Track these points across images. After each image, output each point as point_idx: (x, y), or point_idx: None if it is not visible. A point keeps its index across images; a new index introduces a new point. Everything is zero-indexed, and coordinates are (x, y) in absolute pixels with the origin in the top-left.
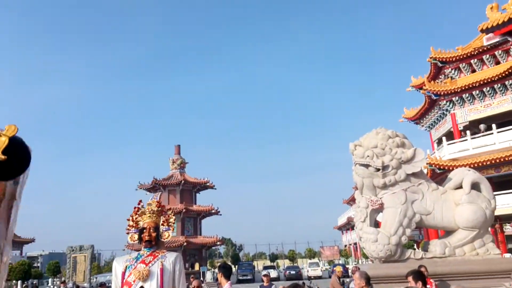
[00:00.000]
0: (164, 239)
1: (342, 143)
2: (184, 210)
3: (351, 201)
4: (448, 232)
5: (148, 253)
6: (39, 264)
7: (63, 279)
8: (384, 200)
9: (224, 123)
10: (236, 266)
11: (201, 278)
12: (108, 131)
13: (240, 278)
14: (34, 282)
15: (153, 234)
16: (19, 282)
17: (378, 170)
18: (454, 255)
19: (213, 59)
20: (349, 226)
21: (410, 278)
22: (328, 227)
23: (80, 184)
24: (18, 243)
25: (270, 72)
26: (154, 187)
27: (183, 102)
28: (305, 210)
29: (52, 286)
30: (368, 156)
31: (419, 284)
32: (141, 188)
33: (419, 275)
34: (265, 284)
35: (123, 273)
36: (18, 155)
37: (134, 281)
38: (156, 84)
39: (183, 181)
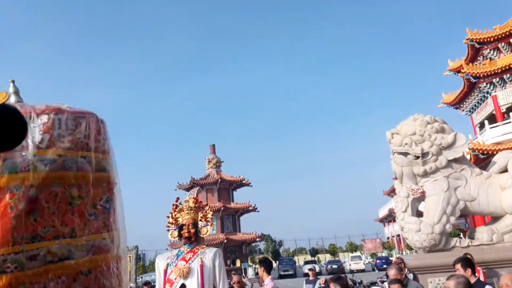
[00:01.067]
0: (203, 234)
1: (382, 135)
2: (222, 208)
3: (392, 192)
4: (495, 218)
5: (188, 249)
6: None
7: None
8: (425, 188)
9: (257, 121)
10: (277, 262)
11: (243, 274)
12: (145, 134)
13: (282, 273)
14: None
15: (192, 230)
16: None
17: (417, 157)
18: (502, 242)
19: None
20: (390, 218)
21: (458, 266)
22: (369, 220)
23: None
24: None
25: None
26: (192, 187)
27: (216, 101)
28: (344, 204)
29: None
30: (406, 143)
31: (468, 271)
32: (180, 188)
33: (468, 262)
34: (310, 278)
35: (165, 271)
36: (9, 124)
37: (175, 279)
38: (190, 84)
39: (219, 180)
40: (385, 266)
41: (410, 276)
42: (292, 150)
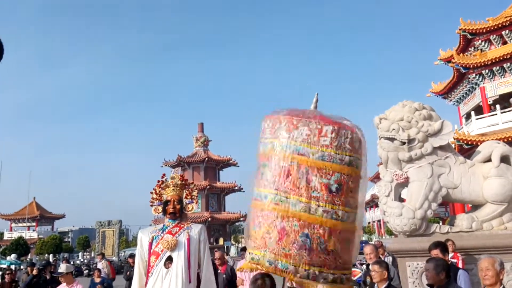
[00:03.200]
0: (187, 211)
1: (368, 123)
2: (208, 187)
3: (375, 178)
4: (475, 207)
5: (173, 224)
6: (69, 239)
7: (101, 251)
8: (409, 174)
9: (247, 103)
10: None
11: (225, 252)
12: (135, 110)
13: None
14: (65, 256)
15: (177, 207)
16: (51, 255)
17: (403, 143)
18: (481, 229)
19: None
20: (372, 203)
21: (437, 251)
22: None
23: (107, 162)
24: (49, 219)
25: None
26: (179, 164)
27: (206, 81)
28: None
29: (82, 260)
30: (393, 129)
31: (446, 256)
32: (166, 165)
33: (445, 248)
34: None
35: (150, 244)
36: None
37: (162, 251)
38: (180, 65)
39: (206, 159)
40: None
41: (389, 259)
42: None
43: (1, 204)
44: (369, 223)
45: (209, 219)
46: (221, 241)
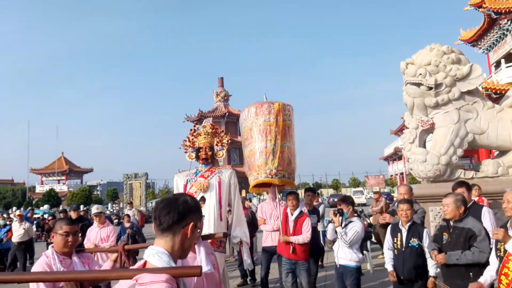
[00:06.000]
0: (218, 157)
1: (394, 72)
2: (229, 141)
3: (399, 131)
4: (502, 153)
5: (205, 169)
6: (98, 192)
7: (130, 200)
8: (435, 120)
9: (266, 56)
10: (281, 194)
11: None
12: (156, 65)
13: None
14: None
15: (209, 153)
16: (81, 206)
17: (430, 88)
18: (507, 175)
19: None
20: (395, 156)
21: (463, 189)
22: (373, 158)
23: (132, 116)
24: (78, 173)
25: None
26: (200, 120)
27: (224, 34)
28: (349, 142)
29: (112, 210)
30: (420, 74)
31: (470, 195)
32: (188, 120)
33: (469, 187)
34: (314, 203)
35: (185, 186)
36: None
37: (195, 192)
38: (197, 17)
39: (227, 113)
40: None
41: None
42: (298, 87)
43: (31, 159)
44: (391, 175)
45: None
46: (243, 193)
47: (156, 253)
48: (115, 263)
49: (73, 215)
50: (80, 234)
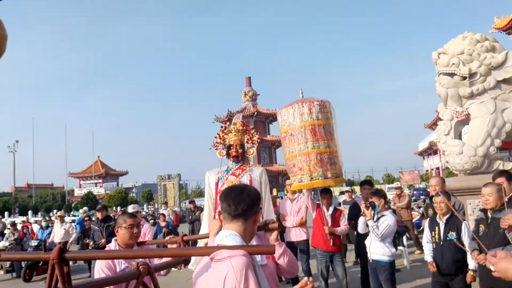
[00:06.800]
0: (249, 155)
1: (426, 64)
2: (258, 140)
3: (433, 125)
4: None
5: (236, 166)
6: (134, 194)
7: (164, 200)
8: (470, 110)
9: (294, 54)
10: (312, 192)
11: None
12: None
13: (318, 202)
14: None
15: (240, 150)
16: (118, 207)
17: (464, 78)
18: None
19: None
20: (431, 150)
21: (503, 179)
22: (407, 154)
23: (163, 119)
24: (114, 176)
25: None
26: (230, 120)
27: (251, 34)
28: (382, 138)
29: (147, 211)
30: (453, 63)
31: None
32: (217, 121)
33: (511, 175)
34: (347, 199)
35: (216, 183)
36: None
37: None
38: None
39: (255, 113)
40: (422, 197)
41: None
42: (329, 83)
43: (69, 164)
44: (427, 171)
45: None
46: (274, 192)
47: (229, 235)
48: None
49: (99, 215)
50: (107, 235)
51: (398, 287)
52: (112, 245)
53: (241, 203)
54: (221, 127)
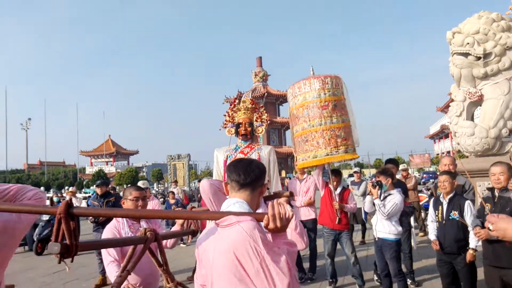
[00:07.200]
0: (258, 134)
1: (439, 45)
2: (268, 122)
3: (446, 108)
4: None
5: (245, 145)
6: (144, 173)
7: (174, 179)
8: (484, 91)
9: (304, 34)
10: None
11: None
12: (196, 48)
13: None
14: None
15: (249, 129)
16: (129, 185)
17: (478, 58)
18: None
19: None
20: (442, 134)
21: None
22: (418, 137)
23: (173, 100)
24: (125, 155)
25: None
26: (239, 98)
27: (263, 13)
28: (393, 121)
29: (157, 189)
30: (468, 43)
31: None
32: (227, 101)
33: None
34: (356, 180)
35: (225, 161)
36: None
37: None
38: None
39: (266, 94)
40: (431, 180)
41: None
42: (338, 65)
43: (80, 142)
44: (437, 154)
45: None
46: (283, 173)
47: (236, 202)
48: (182, 227)
49: (98, 191)
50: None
51: (403, 266)
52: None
53: (250, 173)
54: (230, 104)
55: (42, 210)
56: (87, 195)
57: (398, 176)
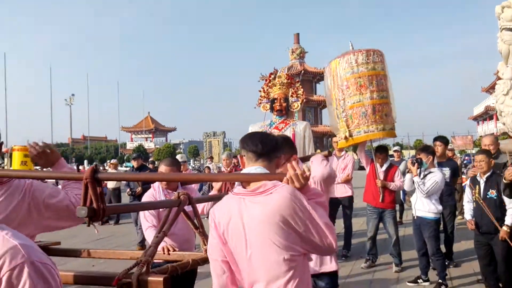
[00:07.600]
0: (293, 109)
1: (486, 15)
2: (304, 100)
3: (491, 88)
4: None
5: (280, 120)
6: (181, 150)
7: (210, 155)
8: None
9: (346, 10)
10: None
11: None
12: (233, 25)
13: (362, 165)
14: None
15: (284, 104)
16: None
17: None
18: None
19: None
20: (486, 115)
21: None
22: (461, 118)
23: (210, 78)
24: (163, 131)
25: None
26: (275, 78)
27: None
28: (435, 101)
29: (193, 165)
30: None
31: None
32: (262, 79)
33: None
34: (396, 159)
35: None
36: None
37: None
38: None
39: (302, 71)
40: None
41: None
42: (379, 43)
43: (121, 118)
44: (480, 136)
45: None
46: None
47: (257, 168)
48: (219, 192)
49: (134, 164)
50: (143, 183)
51: (442, 247)
52: (156, 185)
53: (267, 143)
54: (266, 80)
55: (70, 176)
56: (127, 168)
57: None
